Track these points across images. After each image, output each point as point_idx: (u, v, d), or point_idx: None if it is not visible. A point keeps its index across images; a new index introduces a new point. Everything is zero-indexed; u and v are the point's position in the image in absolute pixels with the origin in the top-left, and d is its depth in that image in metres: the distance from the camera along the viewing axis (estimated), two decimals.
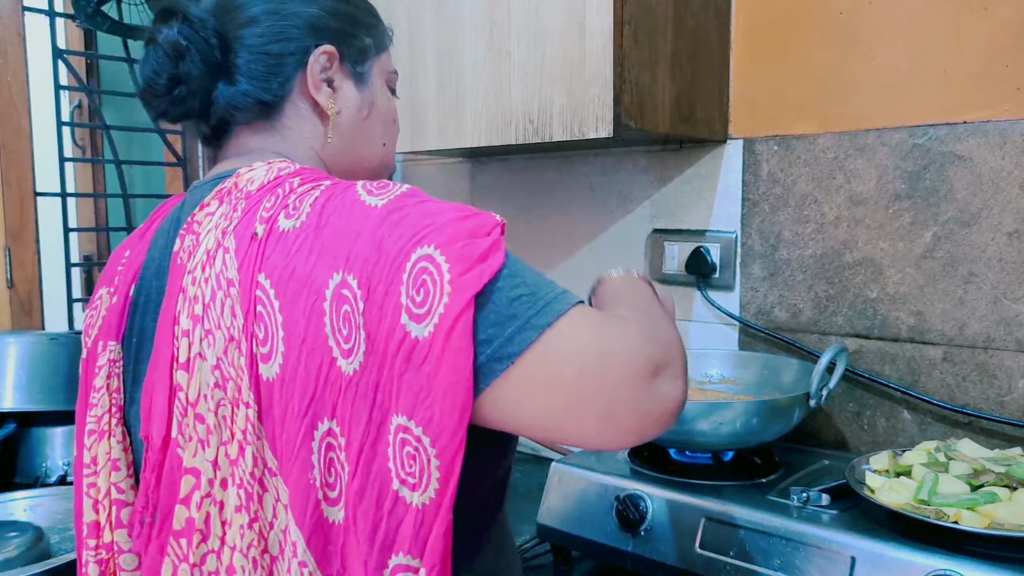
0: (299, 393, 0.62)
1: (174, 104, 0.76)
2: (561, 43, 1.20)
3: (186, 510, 0.66)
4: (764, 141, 1.34)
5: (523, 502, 1.39)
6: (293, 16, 0.77)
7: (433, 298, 0.58)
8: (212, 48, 0.75)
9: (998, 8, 1.12)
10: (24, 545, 1.14)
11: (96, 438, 0.76)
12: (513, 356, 0.59)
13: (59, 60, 1.93)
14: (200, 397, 0.66)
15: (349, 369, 0.60)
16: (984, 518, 0.85)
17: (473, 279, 0.58)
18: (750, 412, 1.08)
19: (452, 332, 0.57)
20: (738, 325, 1.39)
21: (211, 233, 0.68)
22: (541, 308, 0.60)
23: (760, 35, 1.34)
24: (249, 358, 0.64)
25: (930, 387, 1.20)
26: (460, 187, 1.77)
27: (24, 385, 1.55)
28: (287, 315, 0.62)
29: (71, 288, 2.01)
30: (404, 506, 0.59)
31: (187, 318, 0.67)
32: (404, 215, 0.62)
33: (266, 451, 0.64)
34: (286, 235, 0.64)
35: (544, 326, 0.59)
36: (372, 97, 0.83)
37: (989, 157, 1.13)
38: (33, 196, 2.06)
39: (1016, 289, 1.13)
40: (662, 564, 1.02)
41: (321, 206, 0.65)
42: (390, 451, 0.59)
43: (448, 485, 0.58)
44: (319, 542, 0.63)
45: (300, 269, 0.62)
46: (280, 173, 0.70)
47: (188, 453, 0.66)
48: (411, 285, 0.59)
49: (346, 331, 0.60)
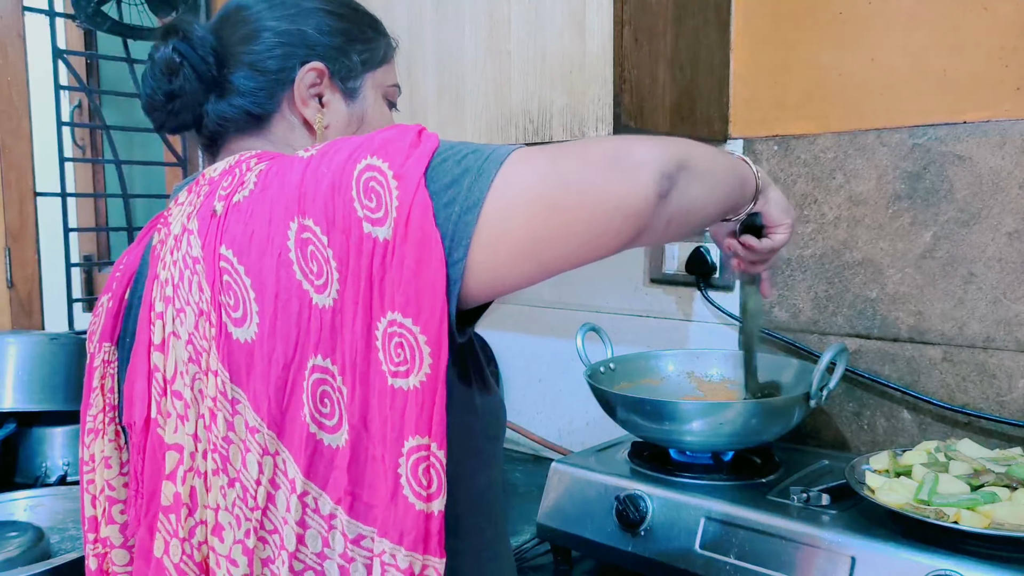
0: (281, 345, 0.64)
1: (171, 116, 0.80)
2: (561, 43, 1.20)
3: (172, 485, 0.68)
4: (764, 141, 1.34)
5: (523, 502, 1.39)
6: (287, 34, 0.79)
7: (385, 197, 0.61)
8: (209, 66, 0.77)
9: (998, 8, 1.12)
10: (24, 545, 1.15)
11: (93, 436, 0.79)
12: (479, 202, 0.61)
13: (59, 60, 1.93)
14: (176, 374, 0.68)
15: (328, 301, 0.63)
16: (984, 518, 0.85)
17: (414, 164, 0.62)
18: (750, 412, 1.08)
19: (411, 215, 0.60)
20: (738, 325, 1.39)
21: (178, 220, 0.72)
22: (489, 155, 0.63)
23: (760, 35, 1.34)
24: (218, 327, 0.66)
25: (930, 387, 1.20)
26: None
27: (24, 385, 1.55)
28: (255, 276, 0.65)
29: (71, 288, 2.01)
30: (403, 395, 0.61)
31: (160, 301, 0.70)
32: (336, 149, 0.65)
33: (248, 412, 0.65)
34: (240, 206, 0.67)
35: (500, 161, 0.62)
36: (362, 112, 0.84)
37: (989, 157, 1.13)
38: (33, 196, 2.06)
39: (1016, 289, 1.13)
40: (662, 564, 1.02)
41: (265, 174, 0.68)
42: (381, 354, 0.62)
43: (439, 363, 0.61)
44: (321, 468, 0.64)
45: (258, 231, 0.65)
46: (241, 157, 0.73)
47: (169, 430, 0.69)
48: (362, 195, 0.62)
49: (316, 268, 0.63)
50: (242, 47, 0.79)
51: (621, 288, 1.54)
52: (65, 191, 1.97)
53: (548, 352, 1.65)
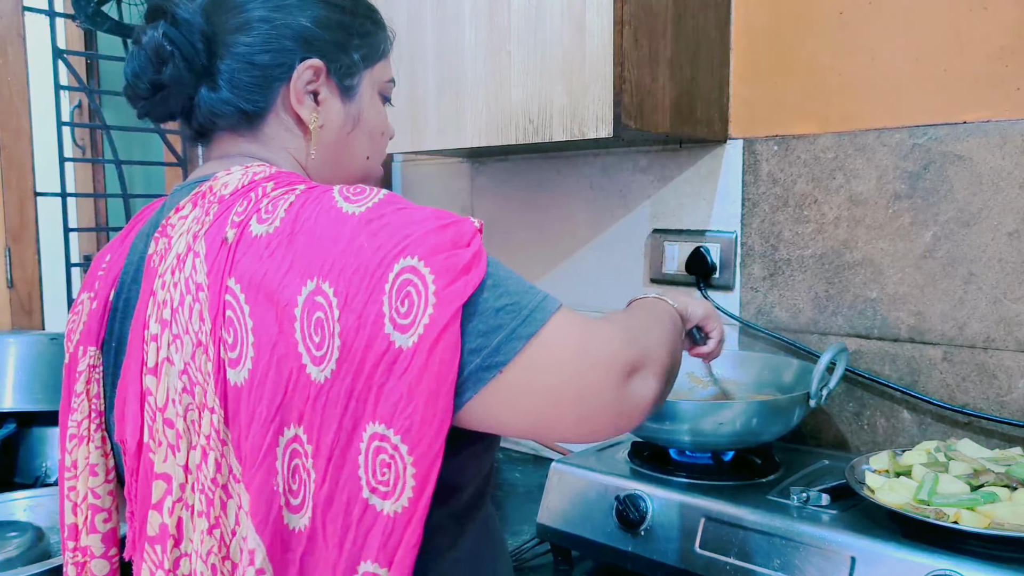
0: (267, 399, 0.61)
1: (155, 105, 0.76)
2: (561, 43, 1.20)
3: (159, 516, 0.66)
4: (764, 141, 1.34)
5: (523, 502, 1.39)
6: (284, 27, 0.75)
7: (418, 309, 0.59)
8: (198, 53, 0.73)
9: (998, 8, 1.12)
10: (24, 545, 1.15)
11: (76, 443, 0.76)
12: (501, 365, 0.61)
13: (59, 60, 1.93)
14: (168, 402, 0.66)
15: (320, 376, 0.60)
16: (984, 518, 0.85)
17: (458, 291, 0.60)
18: (750, 412, 1.08)
19: (438, 342, 0.58)
20: (738, 325, 1.39)
21: (183, 237, 0.68)
22: (526, 317, 0.62)
23: (760, 35, 1.34)
24: (216, 363, 0.63)
25: (930, 387, 1.20)
26: (460, 187, 1.77)
27: (24, 385, 1.55)
28: (257, 320, 0.62)
29: (71, 288, 2.01)
30: (374, 514, 0.60)
31: (156, 323, 0.67)
32: (384, 223, 0.62)
33: (231, 457, 0.64)
34: (258, 240, 0.64)
35: (529, 335, 0.62)
36: (359, 111, 0.81)
37: (989, 157, 1.13)
38: (33, 196, 2.06)
39: (1016, 289, 1.13)
40: (662, 564, 1.02)
41: (296, 212, 0.64)
42: (361, 458, 0.60)
43: (423, 494, 0.59)
44: (278, 550, 0.62)
45: (272, 275, 0.62)
46: (255, 177, 0.70)
47: (159, 458, 0.67)
48: (394, 295, 0.59)
49: (318, 338, 0.60)
50: (234, 36, 0.74)
51: (621, 288, 1.53)
52: (65, 191, 1.97)
53: None
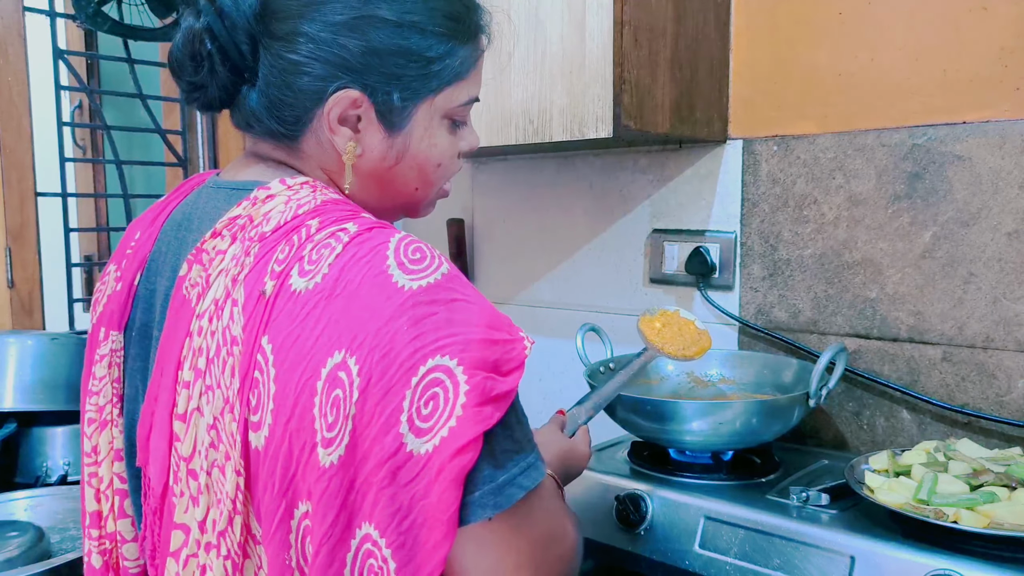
0: (280, 470, 0.59)
1: (196, 95, 0.72)
2: (561, 43, 1.20)
3: (175, 564, 0.65)
4: (763, 141, 1.34)
5: None
6: (327, 48, 0.67)
7: (442, 414, 0.56)
8: (243, 56, 0.68)
9: (998, 8, 1.12)
10: (25, 545, 1.15)
11: (97, 427, 0.75)
12: (500, 507, 0.59)
13: (59, 60, 1.93)
14: (195, 453, 0.64)
15: (327, 461, 0.57)
16: (983, 518, 0.85)
17: (486, 416, 0.57)
18: (750, 412, 1.08)
19: (455, 457, 0.56)
20: (738, 325, 1.39)
21: (221, 278, 0.64)
22: (524, 470, 0.62)
23: (760, 35, 1.34)
24: (242, 424, 0.61)
25: (929, 387, 1.20)
26: (460, 187, 1.78)
27: (24, 385, 1.55)
28: (280, 387, 0.59)
29: (72, 288, 2.01)
30: None
31: (190, 369, 0.65)
32: (432, 312, 0.58)
33: (251, 518, 0.63)
34: (297, 297, 0.60)
35: (527, 488, 0.61)
36: (406, 143, 0.72)
37: (989, 157, 1.13)
38: (34, 196, 2.06)
39: (1016, 289, 1.13)
40: (662, 564, 1.02)
41: (341, 268, 0.60)
42: (349, 556, 0.58)
43: None
44: None
45: (304, 339, 0.59)
46: (299, 212, 0.65)
47: (180, 508, 0.65)
48: (419, 393, 0.56)
49: (332, 418, 0.57)
50: (275, 44, 0.68)
51: (621, 288, 1.54)
52: (66, 191, 1.97)
53: (548, 352, 1.65)
